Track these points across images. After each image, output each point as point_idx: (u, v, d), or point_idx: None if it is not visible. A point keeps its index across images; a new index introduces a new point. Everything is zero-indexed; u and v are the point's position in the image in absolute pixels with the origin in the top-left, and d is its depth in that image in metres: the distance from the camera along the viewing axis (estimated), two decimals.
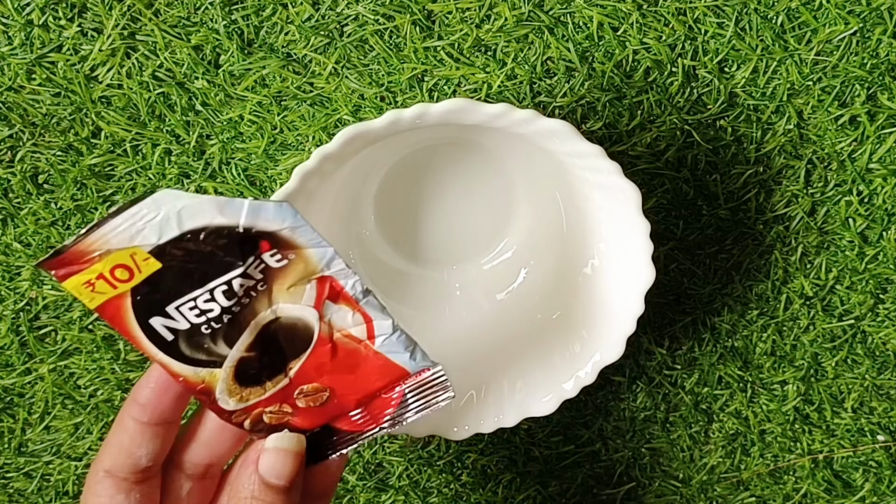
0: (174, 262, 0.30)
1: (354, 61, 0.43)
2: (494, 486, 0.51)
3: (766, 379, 0.49)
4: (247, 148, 0.44)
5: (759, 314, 0.48)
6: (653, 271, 0.39)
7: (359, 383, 0.35)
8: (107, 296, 0.30)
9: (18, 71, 0.43)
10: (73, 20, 0.43)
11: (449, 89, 0.43)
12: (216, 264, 0.31)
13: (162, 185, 0.45)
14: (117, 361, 0.48)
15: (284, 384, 0.34)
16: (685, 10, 0.42)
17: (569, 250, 0.45)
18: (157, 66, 0.43)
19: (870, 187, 0.45)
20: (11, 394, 0.49)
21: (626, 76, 0.43)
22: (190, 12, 0.43)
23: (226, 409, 0.34)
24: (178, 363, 0.32)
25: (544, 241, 0.46)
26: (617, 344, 0.41)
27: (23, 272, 0.47)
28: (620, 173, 0.37)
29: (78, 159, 0.45)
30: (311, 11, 0.42)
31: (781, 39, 0.42)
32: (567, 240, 0.45)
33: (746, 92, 0.43)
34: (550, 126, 0.35)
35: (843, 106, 0.43)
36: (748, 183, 0.45)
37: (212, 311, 0.31)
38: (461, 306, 0.47)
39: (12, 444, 0.50)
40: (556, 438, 0.50)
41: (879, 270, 0.46)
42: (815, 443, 0.50)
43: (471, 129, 0.42)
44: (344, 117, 0.44)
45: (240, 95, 0.44)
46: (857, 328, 0.48)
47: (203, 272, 0.31)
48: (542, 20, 0.42)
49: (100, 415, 0.49)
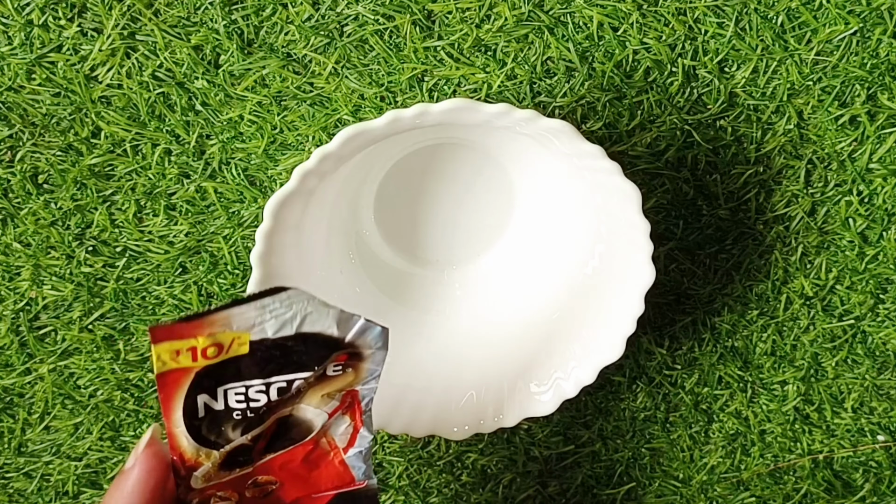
0: (261, 352, 0.30)
1: (354, 61, 0.43)
2: (494, 486, 0.51)
3: (766, 379, 0.49)
4: (247, 148, 0.44)
5: (760, 314, 0.48)
6: (653, 271, 0.39)
7: (310, 483, 0.34)
8: (180, 367, 0.29)
9: (18, 71, 0.43)
10: (72, 20, 0.43)
11: (449, 89, 0.43)
12: (293, 364, 0.30)
13: (161, 185, 0.45)
14: (117, 361, 0.48)
15: (247, 471, 0.33)
16: (685, 9, 0.42)
17: (569, 250, 0.45)
18: (156, 66, 0.43)
19: (870, 187, 0.45)
20: (11, 394, 0.49)
21: (626, 76, 0.43)
22: (190, 12, 0.43)
23: (192, 488, 0.33)
24: (189, 439, 0.32)
25: (544, 241, 0.46)
26: (617, 344, 0.41)
27: (22, 272, 0.47)
28: (620, 173, 0.37)
29: (78, 159, 0.45)
30: (311, 11, 0.42)
31: (781, 39, 0.42)
32: (567, 240, 0.45)
33: (746, 92, 0.43)
34: (550, 126, 0.35)
35: (844, 106, 0.43)
36: (748, 183, 0.45)
37: (257, 402, 0.31)
38: (461, 306, 0.47)
39: (12, 444, 0.50)
40: (556, 438, 0.50)
41: (879, 270, 0.46)
42: (815, 443, 0.50)
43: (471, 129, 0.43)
44: (344, 117, 0.44)
45: (240, 95, 0.44)
46: (857, 328, 0.47)
47: (278, 366, 0.30)
48: (542, 20, 0.42)
49: (100, 415, 0.49)
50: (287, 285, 0.30)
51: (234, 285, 0.47)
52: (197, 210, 0.45)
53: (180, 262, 0.46)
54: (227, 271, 0.46)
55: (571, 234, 0.44)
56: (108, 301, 0.47)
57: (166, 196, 0.45)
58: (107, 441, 0.50)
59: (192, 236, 0.46)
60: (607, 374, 0.49)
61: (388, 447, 0.50)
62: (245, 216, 0.45)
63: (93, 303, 0.47)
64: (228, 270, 0.46)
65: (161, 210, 0.45)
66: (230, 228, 0.46)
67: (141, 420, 0.49)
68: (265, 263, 0.38)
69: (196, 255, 0.46)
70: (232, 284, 0.47)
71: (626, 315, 0.40)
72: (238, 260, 0.46)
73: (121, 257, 0.46)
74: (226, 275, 0.46)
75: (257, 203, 0.45)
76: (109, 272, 0.46)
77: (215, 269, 0.46)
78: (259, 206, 0.45)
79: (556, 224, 0.45)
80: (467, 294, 0.47)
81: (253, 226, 0.45)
